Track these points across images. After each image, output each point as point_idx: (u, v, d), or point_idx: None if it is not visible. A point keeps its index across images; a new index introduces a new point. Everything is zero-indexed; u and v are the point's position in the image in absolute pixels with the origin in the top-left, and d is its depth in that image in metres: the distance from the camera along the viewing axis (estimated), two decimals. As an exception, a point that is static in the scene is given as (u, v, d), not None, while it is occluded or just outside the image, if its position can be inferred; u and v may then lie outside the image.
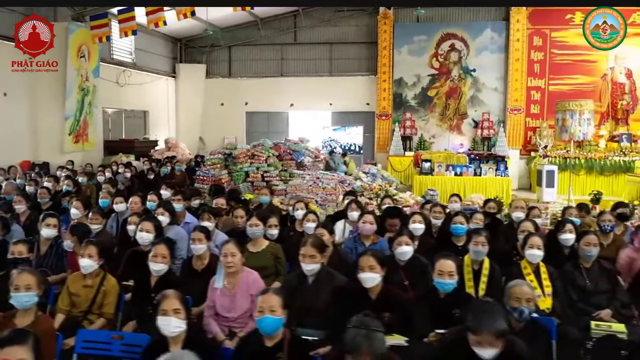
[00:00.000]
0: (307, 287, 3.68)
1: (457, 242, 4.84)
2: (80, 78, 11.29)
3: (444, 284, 3.39)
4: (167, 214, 5.11)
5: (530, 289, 3.13)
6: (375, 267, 3.42)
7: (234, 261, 3.73)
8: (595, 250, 4.11)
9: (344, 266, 4.26)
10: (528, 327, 3.13)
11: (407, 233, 4.20)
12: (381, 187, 11.06)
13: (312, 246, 3.60)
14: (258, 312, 2.79)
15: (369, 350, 2.33)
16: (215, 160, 11.54)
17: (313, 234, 3.92)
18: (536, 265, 4.12)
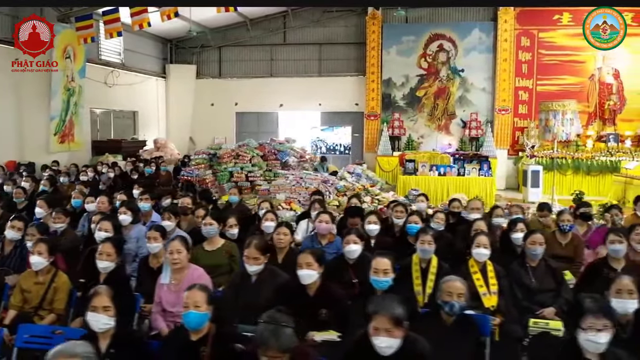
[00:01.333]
0: (250, 286, 3.75)
1: (412, 241, 4.89)
2: (66, 79, 11.39)
3: (379, 281, 3.46)
4: (129, 213, 5.18)
5: (462, 285, 3.18)
6: (313, 264, 3.48)
7: (179, 258, 3.82)
8: (541, 249, 4.16)
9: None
10: (459, 322, 3.19)
11: (355, 232, 4.26)
12: (364, 187, 11.10)
13: (255, 248, 3.67)
14: (183, 307, 2.87)
15: (276, 345, 2.39)
16: (200, 160, 11.63)
17: (256, 235, 4.00)
18: (483, 264, 4.17)
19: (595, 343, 2.51)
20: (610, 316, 2.55)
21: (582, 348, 2.55)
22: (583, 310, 2.56)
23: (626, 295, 3.12)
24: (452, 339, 3.14)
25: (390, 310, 2.55)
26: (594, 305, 2.57)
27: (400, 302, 2.62)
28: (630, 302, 3.11)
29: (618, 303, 3.12)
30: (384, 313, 2.54)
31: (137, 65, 15.32)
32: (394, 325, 2.53)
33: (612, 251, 4.15)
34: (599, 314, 2.52)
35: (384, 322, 2.54)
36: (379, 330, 2.54)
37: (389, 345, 2.54)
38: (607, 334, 2.52)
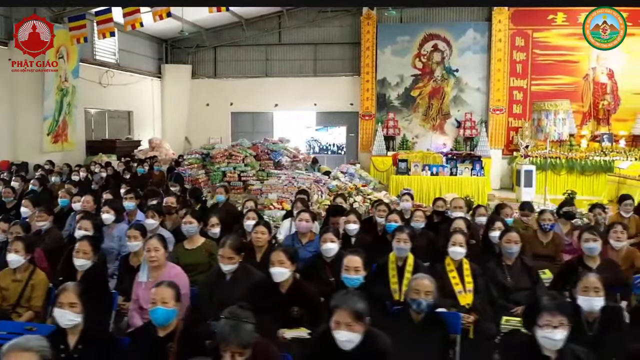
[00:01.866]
0: (225, 284, 3.78)
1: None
2: (59, 79, 11.43)
3: (350, 279, 3.49)
4: (112, 212, 5.21)
5: (431, 283, 3.21)
6: (285, 262, 3.52)
7: (157, 256, 3.85)
8: (516, 248, 4.18)
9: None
10: (428, 319, 3.22)
11: (332, 231, 4.28)
12: (356, 187, 11.13)
13: (229, 248, 3.71)
14: (151, 304, 2.90)
15: (236, 340, 2.42)
16: (193, 160, 11.66)
17: (231, 235, 4.05)
18: (459, 262, 4.20)
19: (552, 340, 2.53)
20: (566, 313, 2.57)
21: (540, 345, 2.57)
22: (540, 307, 2.58)
23: (592, 292, 3.14)
24: (421, 336, 3.17)
25: (351, 304, 2.59)
26: (550, 302, 2.59)
27: (361, 298, 2.65)
28: (596, 299, 3.13)
29: (584, 301, 3.15)
30: (344, 307, 2.58)
31: (132, 65, 15.36)
32: (355, 320, 2.57)
33: (587, 249, 4.17)
34: (555, 311, 2.54)
35: (345, 316, 2.58)
36: (340, 325, 2.58)
37: (349, 339, 2.58)
38: (563, 331, 2.54)
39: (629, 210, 6.09)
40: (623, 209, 6.15)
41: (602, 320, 3.18)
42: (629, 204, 6.10)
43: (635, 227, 6.23)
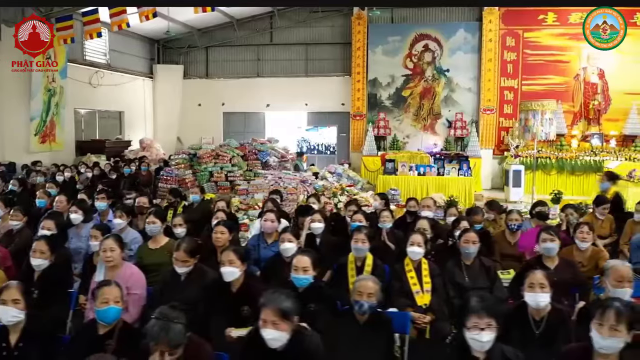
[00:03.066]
0: (179, 284, 3.81)
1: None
2: (47, 79, 11.47)
3: (298, 279, 3.50)
4: (80, 212, 5.23)
5: (374, 284, 3.21)
6: (235, 261, 3.54)
7: (112, 256, 3.88)
8: (474, 248, 4.19)
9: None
10: (372, 320, 3.22)
11: (290, 231, 4.30)
12: (341, 187, 11.13)
13: (183, 251, 3.74)
14: (102, 303, 2.94)
15: (164, 340, 2.45)
16: (180, 161, 11.71)
17: (185, 237, 4.07)
18: (418, 262, 4.21)
19: (479, 342, 2.53)
20: (494, 315, 2.56)
21: (470, 346, 2.58)
22: (467, 309, 2.59)
23: (537, 288, 3.16)
24: (365, 336, 3.18)
25: (277, 303, 2.62)
26: (477, 304, 2.59)
27: (290, 299, 2.67)
28: (541, 295, 3.14)
29: (530, 297, 3.17)
30: (271, 306, 2.61)
31: (124, 66, 15.39)
32: (281, 319, 2.60)
33: (545, 249, 4.17)
34: (482, 312, 2.54)
35: (271, 314, 2.61)
36: (267, 323, 2.62)
37: (275, 337, 2.61)
38: (490, 333, 2.54)
39: (604, 213, 6.05)
40: (599, 212, 6.09)
41: (549, 319, 3.18)
42: (605, 207, 6.04)
43: (609, 227, 6.23)
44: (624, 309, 2.48)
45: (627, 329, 2.45)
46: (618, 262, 3.32)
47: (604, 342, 2.43)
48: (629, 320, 2.46)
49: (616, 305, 2.49)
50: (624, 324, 2.44)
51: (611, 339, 2.43)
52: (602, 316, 2.47)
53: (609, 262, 3.36)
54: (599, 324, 2.47)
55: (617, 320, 2.44)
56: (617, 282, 3.20)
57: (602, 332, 2.44)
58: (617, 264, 3.27)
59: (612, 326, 2.44)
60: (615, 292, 3.20)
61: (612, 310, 2.47)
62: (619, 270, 3.21)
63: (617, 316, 2.44)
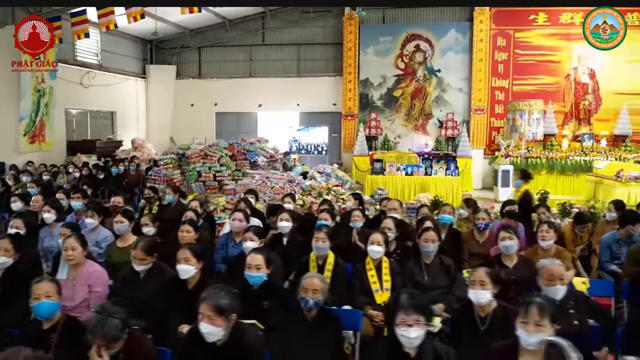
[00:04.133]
0: (138, 281, 3.87)
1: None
2: (36, 80, 11.54)
3: (252, 276, 3.55)
4: (52, 211, 5.29)
5: (320, 282, 3.25)
6: (190, 259, 3.60)
7: (74, 254, 3.93)
8: (433, 247, 4.23)
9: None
10: (320, 317, 3.27)
11: (253, 230, 4.35)
12: (327, 187, 11.17)
13: (141, 250, 3.80)
14: (35, 299, 2.99)
15: (101, 334, 2.51)
16: (169, 160, 11.77)
17: (143, 237, 4.12)
18: (378, 261, 4.25)
19: (407, 338, 2.57)
20: (423, 312, 2.61)
21: (401, 343, 2.62)
22: (396, 306, 2.63)
23: (478, 286, 3.21)
24: (313, 333, 3.22)
25: (213, 299, 2.68)
26: (406, 301, 2.63)
27: (229, 295, 2.72)
28: (481, 292, 3.19)
29: (471, 294, 3.23)
30: (208, 301, 2.67)
31: (116, 66, 15.46)
32: (217, 314, 2.67)
33: (503, 247, 4.21)
34: (409, 309, 2.58)
35: (207, 309, 2.68)
36: (204, 317, 2.68)
37: (210, 332, 2.68)
38: (419, 330, 2.58)
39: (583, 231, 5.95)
40: (578, 229, 5.92)
41: (493, 316, 3.23)
42: (585, 227, 5.90)
43: (587, 234, 6.23)
44: (545, 304, 2.54)
45: (550, 323, 2.51)
46: (548, 261, 3.35)
47: (530, 339, 2.48)
48: (552, 315, 2.52)
49: (538, 302, 2.55)
50: (547, 318, 2.50)
51: (537, 335, 2.48)
52: (526, 313, 2.51)
53: (541, 262, 3.39)
54: (524, 321, 2.51)
55: (540, 315, 2.49)
56: (548, 281, 3.25)
57: (528, 329, 2.49)
58: (547, 263, 3.31)
59: (536, 322, 2.49)
60: (548, 290, 3.25)
61: (535, 306, 2.52)
62: (549, 269, 3.25)
63: (540, 311, 2.50)
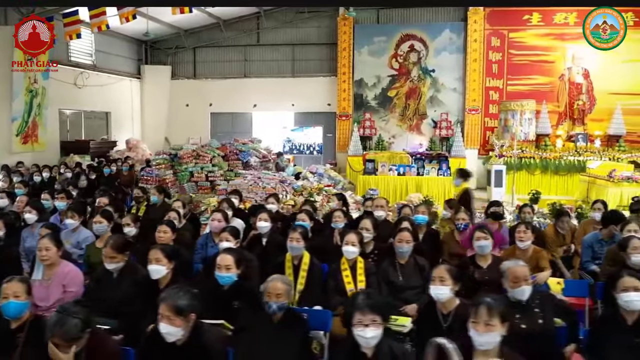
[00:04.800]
0: (111, 281, 3.89)
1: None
2: (28, 80, 11.57)
3: (221, 277, 3.57)
4: (34, 212, 5.31)
5: (283, 285, 3.25)
6: (162, 259, 3.63)
7: (48, 255, 3.95)
8: (407, 247, 4.24)
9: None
10: (286, 319, 3.27)
11: (229, 230, 4.37)
12: (319, 187, 11.19)
13: (111, 248, 3.83)
14: (3, 298, 3.01)
15: (59, 333, 2.54)
16: (161, 161, 11.80)
17: (114, 235, 4.14)
18: (353, 261, 4.26)
19: (364, 338, 2.59)
20: (379, 312, 2.61)
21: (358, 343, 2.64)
22: (353, 306, 2.65)
23: (437, 282, 3.25)
24: (280, 335, 3.23)
25: (172, 300, 2.71)
26: (362, 301, 2.65)
27: (186, 296, 2.74)
28: (440, 288, 3.23)
29: (431, 290, 3.27)
30: (166, 302, 2.69)
31: (110, 67, 15.49)
32: (175, 314, 2.70)
33: (478, 247, 4.22)
34: (365, 309, 2.60)
35: (166, 310, 2.71)
36: (162, 317, 2.71)
37: (169, 332, 2.71)
38: (375, 329, 2.59)
39: (565, 228, 5.97)
40: (559, 225, 5.94)
41: (456, 313, 3.24)
42: (565, 220, 5.97)
43: (570, 235, 6.24)
44: (494, 304, 2.56)
45: (500, 322, 2.52)
46: (512, 263, 3.35)
47: (481, 339, 2.49)
48: (502, 314, 2.53)
49: (487, 301, 2.56)
50: (497, 317, 2.51)
51: (487, 335, 2.49)
52: (476, 314, 2.52)
53: (505, 264, 3.39)
54: (474, 322, 2.53)
55: (489, 315, 2.51)
56: (513, 283, 3.25)
57: (478, 329, 2.50)
58: (511, 265, 3.31)
59: (485, 322, 2.50)
60: (514, 292, 3.25)
61: (484, 306, 2.53)
62: (514, 271, 3.25)
63: (489, 311, 2.51)
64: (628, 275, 3.23)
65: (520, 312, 3.24)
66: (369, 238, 4.68)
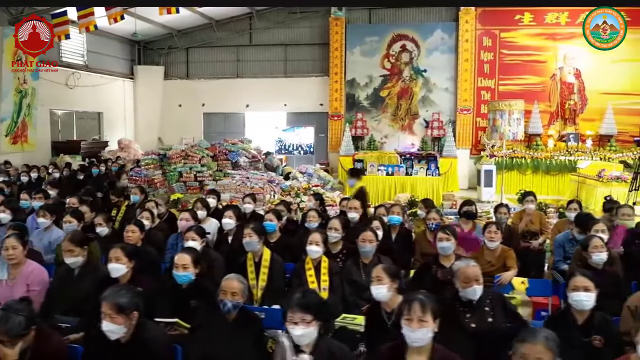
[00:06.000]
0: (72, 278, 3.92)
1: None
2: (17, 81, 11.62)
3: (178, 276, 3.59)
4: (7, 212, 5.34)
5: (239, 284, 3.25)
6: (122, 258, 3.66)
7: (14, 254, 3.97)
8: (370, 247, 4.25)
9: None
10: (240, 318, 3.28)
11: (195, 229, 4.39)
12: (306, 187, 11.21)
13: (69, 241, 3.85)
14: None
15: (3, 330, 2.58)
16: (149, 161, 11.81)
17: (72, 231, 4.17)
18: (318, 261, 4.28)
19: (294, 335, 2.61)
20: (310, 311, 2.62)
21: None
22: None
23: (375, 281, 3.29)
24: (235, 334, 3.25)
25: (113, 298, 2.75)
26: (293, 299, 2.67)
27: (128, 292, 2.78)
28: (378, 287, 3.26)
29: (372, 289, 3.30)
30: (108, 300, 2.73)
31: (103, 67, 15.54)
32: (117, 312, 2.74)
33: (440, 248, 4.23)
34: (295, 308, 2.61)
35: (107, 308, 2.76)
36: (105, 316, 2.75)
37: (112, 330, 2.75)
38: (304, 328, 2.60)
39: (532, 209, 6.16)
40: (526, 205, 6.30)
41: (399, 311, 3.26)
42: (529, 200, 6.20)
43: (539, 223, 6.31)
44: (427, 300, 2.58)
45: (433, 318, 2.54)
46: (463, 263, 3.37)
47: (414, 335, 2.50)
48: (434, 310, 2.55)
49: (420, 298, 2.58)
50: (430, 313, 2.53)
51: (420, 330, 2.51)
52: (409, 310, 2.54)
53: (456, 264, 3.40)
54: (407, 318, 2.54)
55: (422, 311, 2.52)
56: (464, 283, 3.26)
57: (412, 325, 2.51)
58: (462, 266, 3.32)
59: (419, 318, 2.52)
60: (465, 292, 3.26)
61: (417, 302, 2.55)
62: (464, 272, 3.27)
63: (422, 307, 2.53)
64: (580, 275, 3.25)
65: (470, 312, 3.25)
66: (336, 238, 4.69)
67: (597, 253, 4.04)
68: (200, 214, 5.59)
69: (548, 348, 2.31)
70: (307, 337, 2.60)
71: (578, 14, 14.70)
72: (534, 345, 2.30)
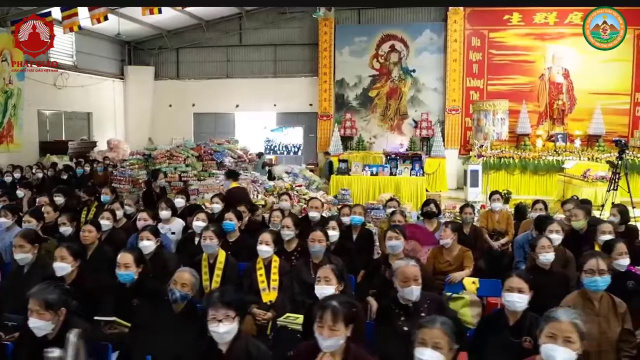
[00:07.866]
0: (21, 276, 3.96)
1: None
2: (2, 81, 11.68)
3: (120, 274, 3.62)
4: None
5: (190, 276, 3.32)
6: (67, 257, 3.72)
7: None
8: (319, 246, 4.25)
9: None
10: (186, 310, 3.33)
11: (149, 229, 4.42)
12: (289, 187, 11.23)
13: (20, 237, 3.92)
14: None
15: None
16: (134, 161, 11.86)
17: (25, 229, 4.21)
18: (268, 260, 4.30)
19: (217, 333, 2.60)
20: (231, 307, 2.63)
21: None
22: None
23: (323, 282, 3.31)
24: (179, 326, 3.28)
25: (41, 294, 2.82)
26: (215, 296, 2.68)
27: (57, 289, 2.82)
28: (325, 288, 3.30)
29: (316, 290, 3.33)
30: (35, 297, 2.81)
31: (92, 67, 15.58)
32: (44, 309, 2.81)
33: (389, 247, 4.25)
34: (218, 304, 2.62)
35: (35, 304, 2.82)
36: (32, 312, 2.82)
37: (39, 326, 2.82)
38: (228, 325, 2.61)
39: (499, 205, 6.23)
40: (492, 204, 6.41)
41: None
42: (495, 198, 6.24)
43: (506, 223, 6.32)
44: (339, 307, 2.52)
45: (345, 325, 2.50)
46: (404, 262, 3.38)
47: (325, 343, 2.48)
48: (347, 317, 2.52)
49: (332, 305, 2.52)
50: (341, 322, 2.48)
51: (331, 339, 2.47)
52: (321, 318, 2.49)
53: (396, 263, 3.41)
54: (320, 325, 2.50)
55: (333, 320, 2.47)
56: (403, 283, 3.27)
57: (323, 333, 2.48)
58: (402, 265, 3.33)
59: (330, 326, 2.47)
60: (403, 292, 3.28)
61: (329, 310, 2.50)
62: (403, 271, 3.27)
63: (334, 316, 2.48)
64: (516, 276, 3.25)
65: (405, 315, 3.27)
66: (290, 236, 4.71)
67: (544, 253, 4.05)
68: (165, 214, 5.63)
69: (444, 332, 2.37)
70: (231, 334, 2.61)
71: (567, 14, 14.70)
72: (431, 330, 2.38)
